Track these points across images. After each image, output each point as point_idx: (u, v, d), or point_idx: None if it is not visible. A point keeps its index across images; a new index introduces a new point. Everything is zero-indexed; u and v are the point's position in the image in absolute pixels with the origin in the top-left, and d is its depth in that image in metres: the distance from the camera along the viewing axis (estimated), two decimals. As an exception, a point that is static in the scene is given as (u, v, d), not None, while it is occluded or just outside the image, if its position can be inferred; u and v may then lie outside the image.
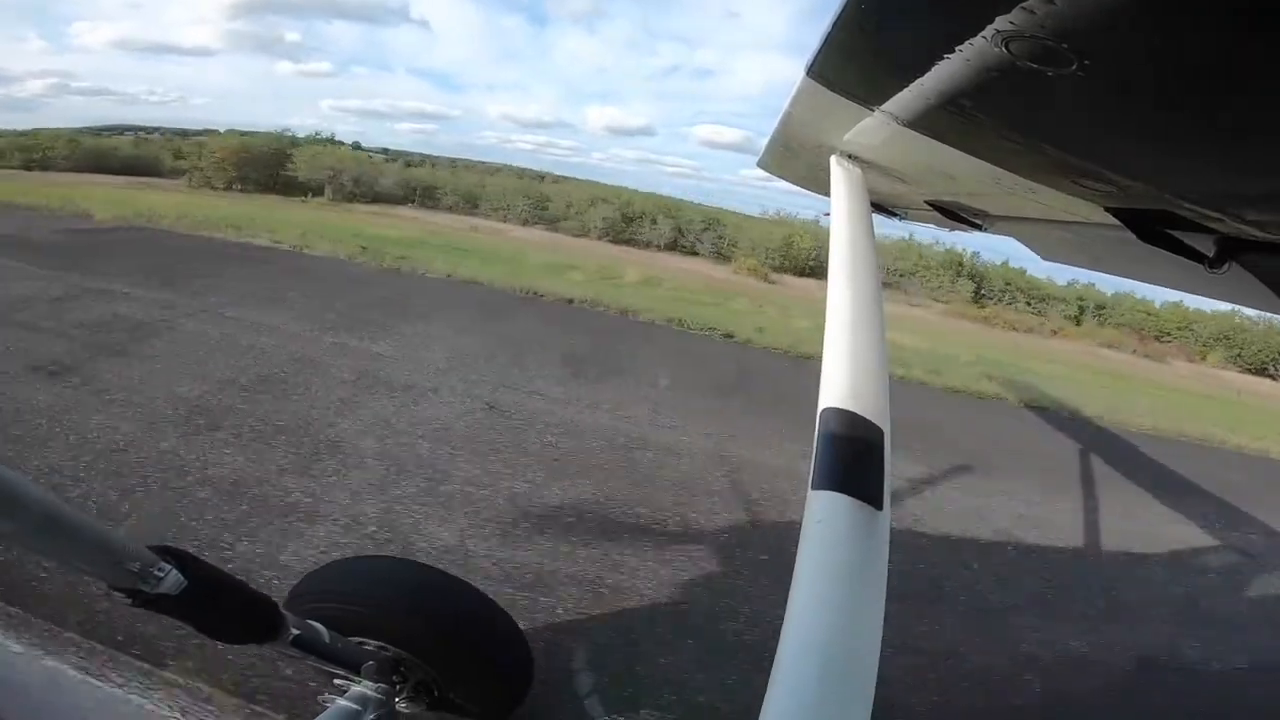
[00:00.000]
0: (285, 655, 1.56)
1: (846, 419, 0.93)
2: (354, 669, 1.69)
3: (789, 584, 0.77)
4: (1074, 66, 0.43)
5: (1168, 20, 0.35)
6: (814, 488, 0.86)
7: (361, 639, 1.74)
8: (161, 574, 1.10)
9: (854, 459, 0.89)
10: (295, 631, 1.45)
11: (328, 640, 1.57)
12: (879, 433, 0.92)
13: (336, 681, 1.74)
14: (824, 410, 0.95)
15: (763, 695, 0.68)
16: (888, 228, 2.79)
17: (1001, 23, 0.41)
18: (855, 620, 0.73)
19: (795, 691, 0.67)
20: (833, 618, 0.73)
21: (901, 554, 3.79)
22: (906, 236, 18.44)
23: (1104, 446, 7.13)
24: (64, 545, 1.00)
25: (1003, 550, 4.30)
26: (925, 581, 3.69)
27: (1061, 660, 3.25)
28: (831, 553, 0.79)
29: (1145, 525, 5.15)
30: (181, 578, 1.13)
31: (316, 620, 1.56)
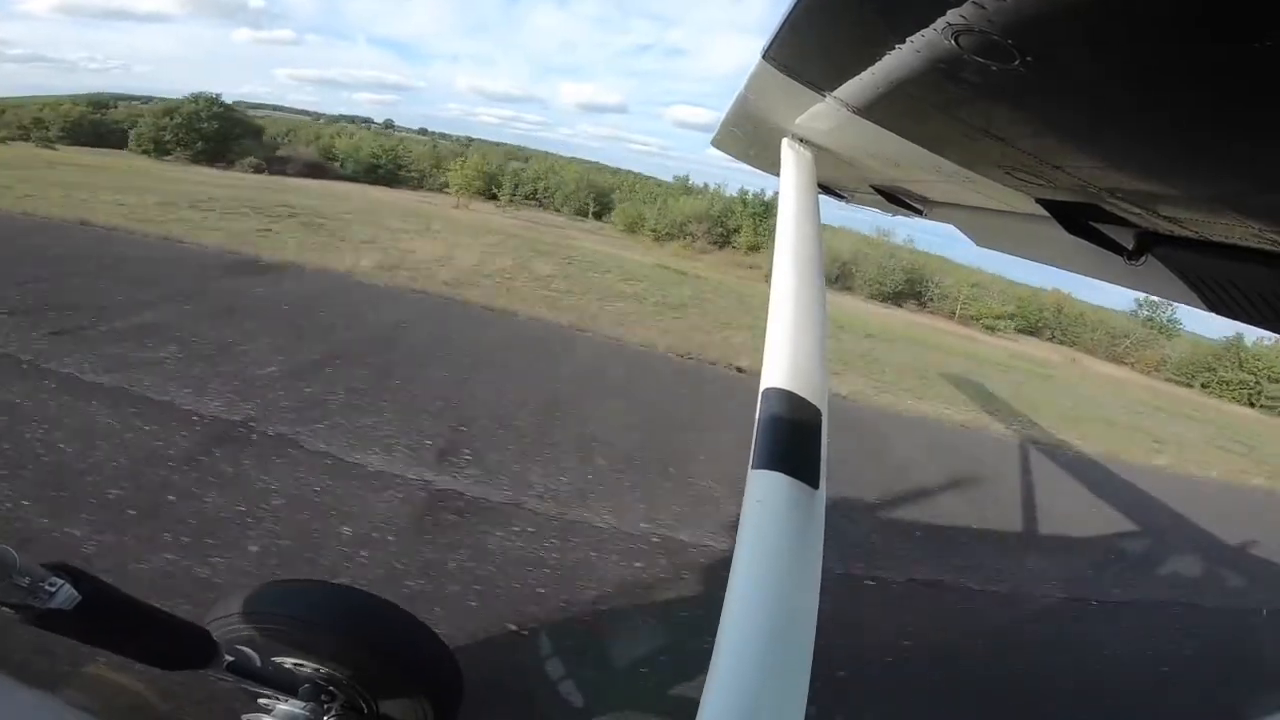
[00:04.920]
0: (219, 680, 1.55)
1: (786, 399, 0.95)
2: (289, 691, 1.69)
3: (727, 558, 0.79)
4: (1016, 62, 0.44)
5: (1104, 24, 0.37)
6: (754, 467, 0.88)
7: (286, 660, 1.73)
8: (53, 589, 1.06)
9: (793, 439, 0.91)
10: (229, 658, 1.45)
11: (259, 664, 1.58)
12: (817, 413, 0.95)
13: (261, 701, 1.73)
14: (765, 390, 0.97)
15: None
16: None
17: (953, 16, 0.42)
18: (792, 594, 0.76)
19: (738, 661, 0.69)
20: (771, 591, 0.76)
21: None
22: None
23: None
24: None
25: None
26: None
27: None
28: (770, 530, 0.82)
29: None
30: (75, 593, 1.08)
31: (243, 643, 1.57)
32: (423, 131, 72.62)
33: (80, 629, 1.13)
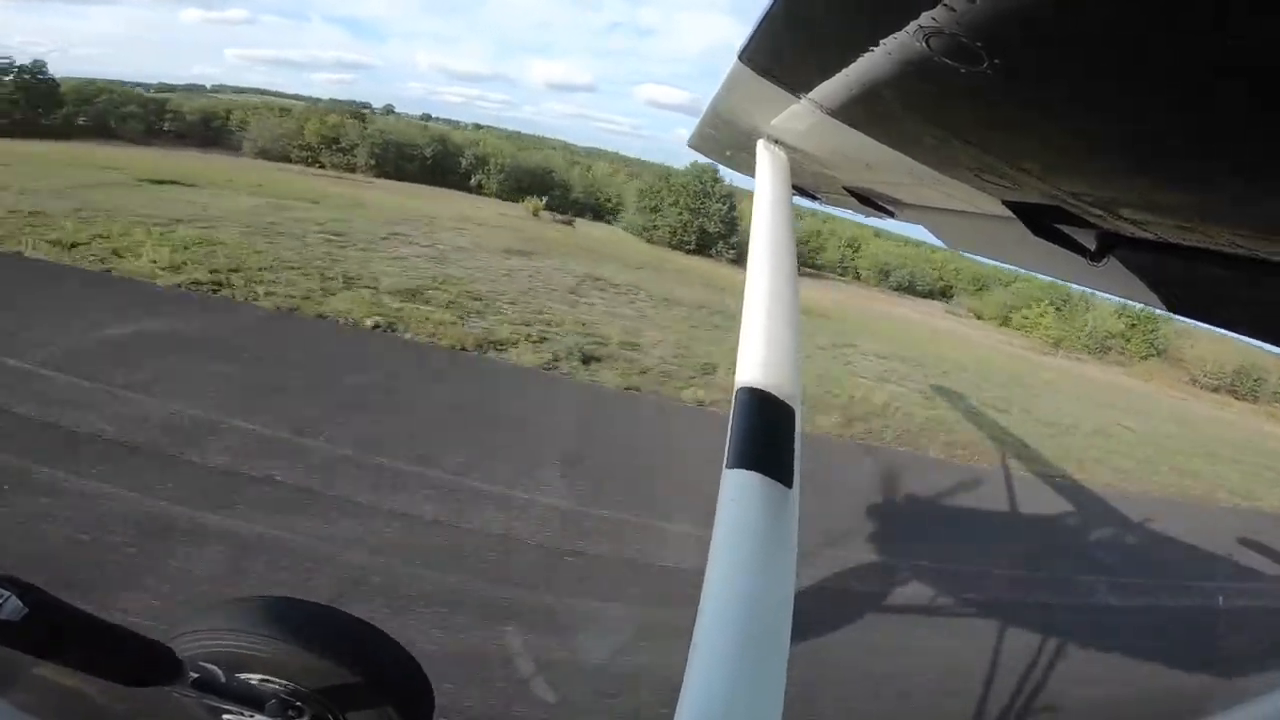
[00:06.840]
0: (184, 697, 1.53)
1: (760, 398, 0.95)
2: (255, 707, 1.68)
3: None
4: (984, 65, 0.45)
5: (1068, 29, 0.38)
6: (728, 466, 0.87)
7: (252, 676, 1.71)
8: None
9: (767, 439, 0.91)
10: (193, 674, 1.45)
11: (224, 680, 1.58)
12: (790, 413, 0.95)
13: (227, 718, 1.71)
14: (739, 390, 0.98)
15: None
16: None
17: (925, 18, 0.43)
18: (768, 594, 0.76)
19: (714, 661, 0.69)
20: (747, 591, 0.75)
21: None
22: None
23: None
24: None
25: None
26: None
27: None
28: (744, 530, 0.81)
29: None
30: (20, 605, 1.08)
31: (208, 660, 1.56)
32: (426, 118, 63.80)
33: (27, 642, 1.11)
